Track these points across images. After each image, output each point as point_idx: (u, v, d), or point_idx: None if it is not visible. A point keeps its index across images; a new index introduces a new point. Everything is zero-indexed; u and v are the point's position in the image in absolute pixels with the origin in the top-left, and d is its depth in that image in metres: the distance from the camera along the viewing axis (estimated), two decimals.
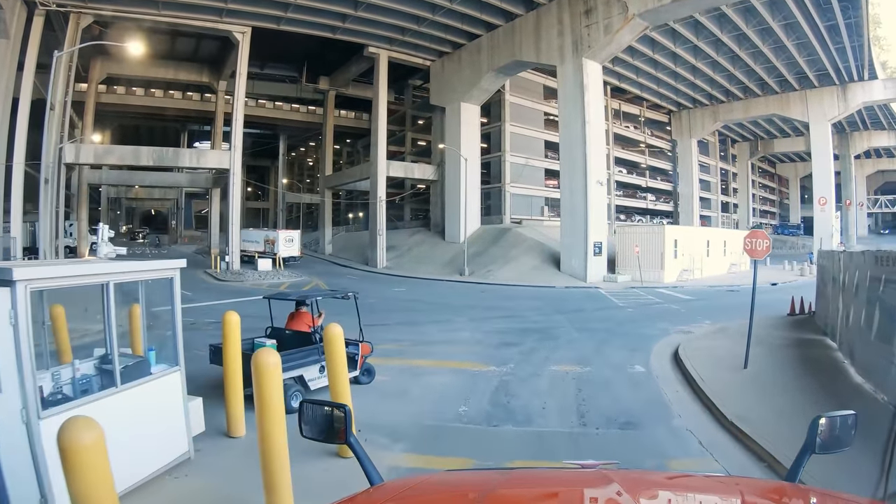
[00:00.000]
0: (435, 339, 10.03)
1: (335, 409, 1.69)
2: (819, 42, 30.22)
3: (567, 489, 1.42)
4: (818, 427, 1.52)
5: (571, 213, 22.61)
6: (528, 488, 1.46)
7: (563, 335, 10.45)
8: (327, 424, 1.70)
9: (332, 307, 7.85)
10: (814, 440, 1.51)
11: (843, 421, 1.55)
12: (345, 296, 7.06)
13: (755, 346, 8.23)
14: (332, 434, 1.70)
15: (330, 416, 1.70)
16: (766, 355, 7.82)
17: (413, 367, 7.82)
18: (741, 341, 9.39)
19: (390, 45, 30.62)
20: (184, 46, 37.73)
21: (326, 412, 1.71)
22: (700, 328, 11.11)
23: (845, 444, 1.55)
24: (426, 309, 14.29)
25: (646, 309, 14.40)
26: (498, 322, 12.06)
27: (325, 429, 1.70)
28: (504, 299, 16.59)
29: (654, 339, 9.83)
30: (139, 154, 30.45)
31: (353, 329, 7.03)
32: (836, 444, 1.54)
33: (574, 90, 22.52)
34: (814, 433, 1.52)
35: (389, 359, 8.11)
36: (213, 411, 5.01)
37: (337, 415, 1.68)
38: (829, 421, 1.54)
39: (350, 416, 1.68)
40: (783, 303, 15.96)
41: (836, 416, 1.55)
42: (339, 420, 1.68)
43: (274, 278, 23.93)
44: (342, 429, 1.67)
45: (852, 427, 1.55)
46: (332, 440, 1.72)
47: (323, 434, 1.71)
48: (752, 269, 7.51)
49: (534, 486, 1.49)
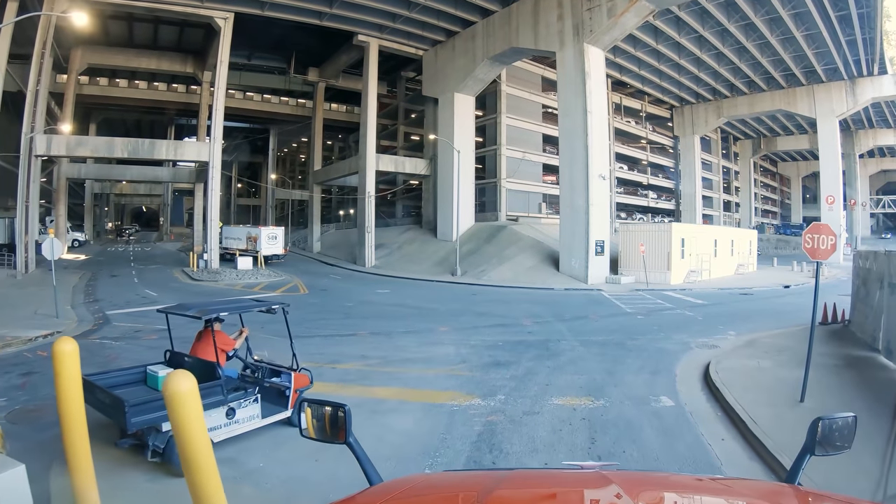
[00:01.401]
0: (410, 357, 8.37)
1: (335, 410, 1.69)
2: (829, 33, 28.88)
3: (566, 490, 1.42)
4: (818, 429, 1.51)
5: (571, 209, 21.03)
6: (527, 489, 1.46)
7: (565, 350, 8.77)
8: (327, 424, 1.70)
9: (272, 321, 6.06)
10: (813, 442, 1.51)
11: (843, 423, 1.54)
12: (269, 309, 5.36)
13: (799, 367, 6.71)
14: (331, 434, 1.70)
15: (329, 416, 1.70)
16: (820, 381, 6.26)
17: (373, 399, 6.15)
18: (780, 359, 7.85)
19: (381, 33, 29.04)
20: (167, 35, 36.23)
21: (326, 412, 1.70)
22: (725, 341, 9.54)
23: (845, 447, 1.54)
24: (408, 315, 12.63)
25: (657, 316, 12.79)
26: (488, 333, 10.40)
27: (325, 429, 1.71)
28: (497, 303, 14.97)
29: (676, 357, 8.24)
30: (113, 145, 28.79)
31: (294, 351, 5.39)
32: (836, 447, 1.53)
33: (575, 77, 20.94)
34: (813, 435, 1.51)
35: (346, 386, 6.52)
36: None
37: (337, 415, 1.69)
38: (829, 423, 1.52)
39: (350, 417, 1.67)
40: (806, 309, 14.48)
41: (836, 418, 1.54)
42: (338, 420, 1.68)
43: (251, 278, 22.29)
44: (342, 429, 1.67)
45: (852, 430, 1.54)
46: (331, 440, 1.70)
47: (322, 434, 1.71)
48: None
49: (533, 486, 1.50)
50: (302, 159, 64.42)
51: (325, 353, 8.21)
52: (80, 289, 19.06)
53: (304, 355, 8.07)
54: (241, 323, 5.54)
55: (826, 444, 1.52)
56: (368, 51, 29.48)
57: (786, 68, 33.94)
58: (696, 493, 1.41)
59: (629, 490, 1.23)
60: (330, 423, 1.69)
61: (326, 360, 7.84)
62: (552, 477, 1.66)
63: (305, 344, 9.01)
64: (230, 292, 17.90)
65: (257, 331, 6.79)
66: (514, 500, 1.33)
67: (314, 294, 17.09)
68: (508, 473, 1.65)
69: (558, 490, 1.42)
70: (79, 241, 40.57)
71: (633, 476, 1.62)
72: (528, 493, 1.40)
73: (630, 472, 1.75)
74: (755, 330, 10.56)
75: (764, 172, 61.70)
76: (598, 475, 1.44)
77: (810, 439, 1.52)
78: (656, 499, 1.29)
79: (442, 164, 28.94)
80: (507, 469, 2.01)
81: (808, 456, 1.52)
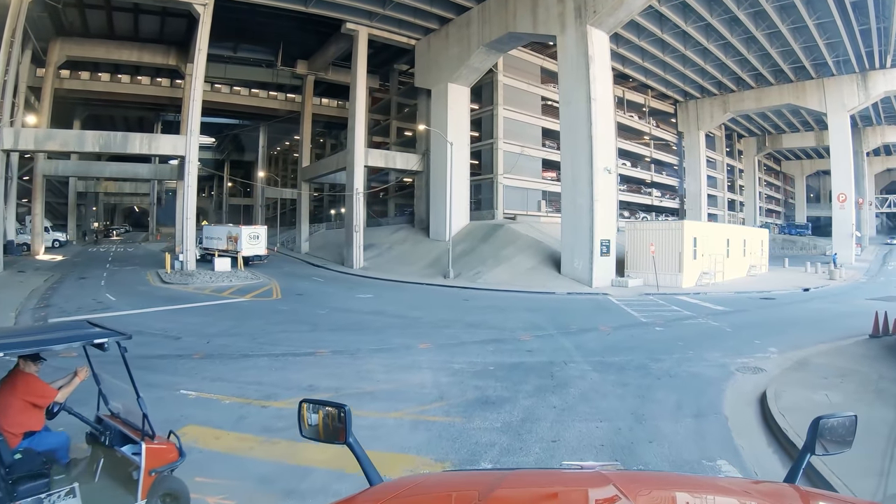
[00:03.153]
0: (372, 389, 6.44)
1: (335, 409, 1.65)
2: (843, 21, 27.32)
3: (566, 489, 1.42)
4: (818, 429, 1.49)
5: (574, 205, 19.29)
6: (527, 488, 1.45)
7: (574, 379, 6.91)
8: (327, 424, 1.67)
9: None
10: (813, 442, 1.49)
11: (844, 423, 1.52)
12: (98, 345, 3.35)
13: (880, 400, 5.02)
14: (331, 434, 1.66)
15: (329, 416, 1.67)
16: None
17: (295, 470, 4.12)
18: (849, 389, 6.11)
19: (370, 21, 27.32)
20: (148, 26, 34.63)
21: (326, 412, 1.67)
22: (768, 360, 7.80)
23: (845, 446, 1.53)
24: (386, 326, 10.80)
25: (678, 327, 11.00)
26: (478, 351, 8.50)
27: (325, 429, 1.67)
28: (491, 311, 13.17)
29: (718, 387, 6.47)
30: (84, 139, 27.11)
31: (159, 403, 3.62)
32: (836, 446, 1.52)
33: (577, 62, 19.22)
34: (813, 435, 1.49)
35: (267, 441, 4.65)
36: None
37: (336, 415, 1.65)
38: (830, 423, 1.51)
39: (350, 417, 1.62)
40: (841, 316, 12.80)
41: (837, 417, 1.52)
42: (338, 420, 1.64)
43: (225, 281, 20.49)
44: (342, 429, 1.62)
45: (852, 429, 1.53)
46: (331, 440, 1.66)
47: (322, 434, 1.68)
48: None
49: (533, 486, 1.49)
50: (295, 157, 62.70)
51: (263, 383, 6.45)
52: (40, 292, 17.40)
53: (235, 385, 6.33)
54: (87, 357, 3.67)
55: (826, 443, 1.49)
56: (357, 39, 27.77)
57: (795, 60, 32.40)
58: (696, 492, 1.39)
59: (629, 490, 1.21)
60: (330, 424, 1.65)
61: (260, 393, 6.09)
62: (552, 477, 1.63)
63: (245, 368, 7.24)
64: (196, 297, 16.12)
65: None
66: (515, 500, 1.32)
67: (287, 299, 15.29)
68: (508, 473, 1.59)
69: (558, 490, 1.42)
70: (60, 242, 38.85)
71: (632, 476, 1.63)
72: (528, 492, 1.40)
73: (630, 471, 1.76)
74: (798, 345, 8.84)
75: (767, 171, 60.26)
76: (598, 475, 1.42)
77: (810, 438, 1.49)
78: (656, 498, 1.29)
79: (435, 159, 27.19)
80: (507, 469, 1.96)
81: (809, 455, 1.49)
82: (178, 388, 6.47)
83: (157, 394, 6.24)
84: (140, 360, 8.24)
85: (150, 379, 6.92)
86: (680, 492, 1.39)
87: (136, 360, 8.37)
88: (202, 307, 13.96)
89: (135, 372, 3.56)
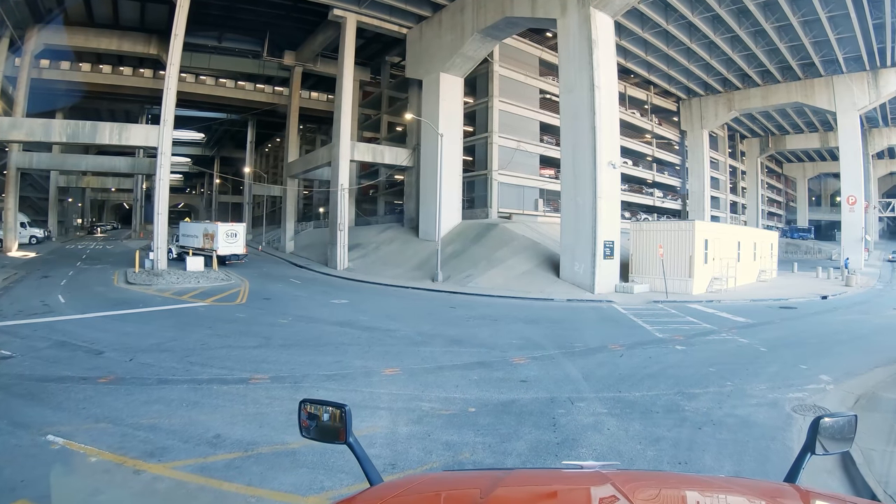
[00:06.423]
0: (296, 446, 4.35)
1: (335, 410, 1.63)
2: (857, 14, 25.87)
3: (566, 489, 1.41)
4: (818, 428, 1.47)
5: (575, 203, 17.63)
6: (527, 488, 1.44)
7: (586, 429, 4.98)
8: (327, 424, 1.65)
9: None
10: (813, 441, 1.47)
11: (844, 423, 1.50)
12: None
13: None
14: (331, 434, 1.64)
15: (329, 416, 1.64)
16: None
17: None
18: None
19: (359, 7, 25.65)
20: (128, 13, 33.00)
21: (326, 412, 1.65)
22: (824, 394, 6.12)
23: (845, 446, 1.52)
24: (351, 342, 8.93)
25: (702, 346, 9.17)
26: (458, 380, 6.63)
27: (325, 429, 1.65)
28: (481, 322, 11.44)
29: (779, 441, 4.71)
30: (50, 128, 25.33)
31: None
32: (836, 446, 1.50)
33: (579, 47, 17.60)
34: (814, 434, 1.47)
35: None
36: None
37: (337, 415, 1.62)
38: (830, 422, 1.49)
39: (350, 416, 1.60)
40: (877, 330, 11.19)
41: (837, 417, 1.51)
42: (338, 420, 1.62)
43: (192, 282, 18.72)
44: (342, 429, 1.61)
45: (852, 429, 1.51)
46: (331, 440, 1.64)
47: (322, 434, 1.65)
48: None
49: (533, 486, 1.48)
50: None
51: (158, 429, 4.64)
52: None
53: (120, 431, 4.35)
54: None
55: (826, 443, 1.47)
56: (345, 27, 26.06)
57: (804, 56, 30.98)
58: (696, 491, 1.40)
59: (629, 489, 1.21)
60: (329, 424, 1.63)
61: (144, 447, 4.33)
62: (552, 476, 1.63)
63: (150, 402, 5.49)
64: (152, 300, 14.33)
65: None
66: (515, 500, 1.32)
67: (251, 305, 13.50)
68: (509, 473, 1.56)
69: (558, 489, 1.41)
70: (37, 238, 37.00)
71: (632, 475, 1.62)
72: (529, 492, 1.40)
73: (630, 471, 1.77)
74: (851, 371, 7.23)
75: (769, 173, 58.96)
76: (598, 475, 1.43)
77: (810, 438, 1.47)
78: (656, 498, 1.28)
79: (425, 154, 25.50)
80: (507, 469, 1.80)
81: (809, 455, 1.47)
82: (48, 430, 4.77)
83: (15, 439, 4.56)
84: (32, 385, 6.46)
85: (22, 414, 5.21)
86: (679, 491, 1.39)
87: (28, 383, 6.59)
88: (151, 312, 12.21)
89: (14, 402, 2.42)
